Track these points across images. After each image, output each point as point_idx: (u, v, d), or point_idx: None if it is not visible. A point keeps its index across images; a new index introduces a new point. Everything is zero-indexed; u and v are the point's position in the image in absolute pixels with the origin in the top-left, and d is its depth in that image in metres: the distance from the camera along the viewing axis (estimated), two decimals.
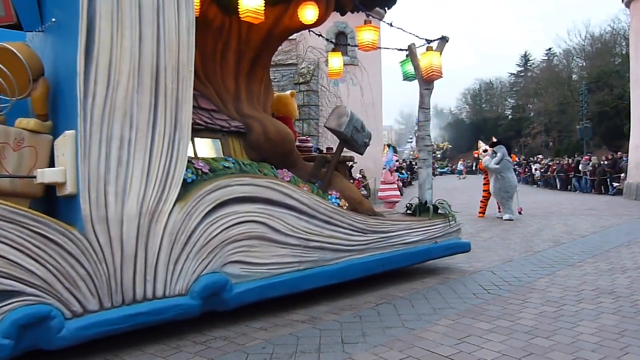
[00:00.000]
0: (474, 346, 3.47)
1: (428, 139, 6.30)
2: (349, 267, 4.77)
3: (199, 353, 3.49)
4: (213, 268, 3.89)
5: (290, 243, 4.34)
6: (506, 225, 10.35)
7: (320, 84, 19.21)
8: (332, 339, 3.70)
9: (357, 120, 5.21)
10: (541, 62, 56.60)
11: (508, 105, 64.44)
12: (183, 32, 3.70)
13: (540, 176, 27.44)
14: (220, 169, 4.10)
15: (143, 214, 3.53)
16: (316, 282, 4.52)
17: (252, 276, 4.10)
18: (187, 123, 3.75)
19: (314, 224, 4.51)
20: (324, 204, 4.62)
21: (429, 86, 6.18)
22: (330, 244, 4.64)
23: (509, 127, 56.18)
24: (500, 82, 66.92)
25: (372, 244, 5.03)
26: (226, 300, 3.92)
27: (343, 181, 5.30)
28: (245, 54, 5.11)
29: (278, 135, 4.94)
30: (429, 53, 6.04)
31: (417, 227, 5.55)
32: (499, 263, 6.38)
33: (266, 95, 5.42)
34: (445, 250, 5.89)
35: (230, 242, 3.99)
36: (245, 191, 4.09)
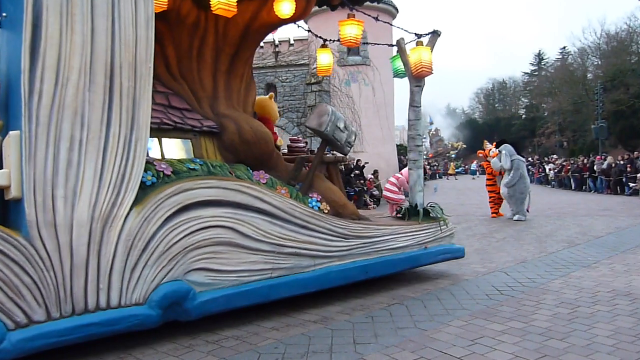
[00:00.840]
0: (487, 348, 3.45)
1: (419, 138, 6.01)
2: (328, 274, 4.53)
3: (211, 352, 3.51)
4: (174, 276, 3.69)
5: (261, 249, 4.12)
6: (520, 226, 10.27)
7: (332, 84, 19.21)
8: (344, 339, 3.70)
9: (339, 119, 5.00)
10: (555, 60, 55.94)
11: (521, 104, 63.81)
12: (141, 26, 3.53)
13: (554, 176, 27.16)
14: (184, 171, 3.91)
15: (95, 218, 3.34)
16: (291, 290, 4.29)
17: (219, 284, 3.90)
18: (145, 123, 3.58)
19: (288, 229, 4.29)
20: (300, 207, 4.41)
21: (419, 83, 5.91)
22: (307, 250, 4.40)
23: (522, 126, 55.65)
24: (514, 81, 66.34)
25: (354, 250, 4.78)
26: (188, 310, 3.72)
27: (326, 183, 5.09)
28: (224, 50, 4.89)
29: (254, 136, 4.70)
30: (419, 48, 5.76)
31: (404, 231, 5.26)
32: (513, 264, 6.33)
33: (247, 93, 5.23)
34: (436, 256, 5.57)
35: (194, 249, 3.78)
36: (210, 194, 3.88)
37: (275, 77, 20.58)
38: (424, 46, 5.78)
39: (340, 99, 19.15)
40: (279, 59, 20.57)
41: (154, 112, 4.02)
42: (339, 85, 19.14)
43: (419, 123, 5.91)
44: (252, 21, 4.96)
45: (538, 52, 61.58)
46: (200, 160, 4.14)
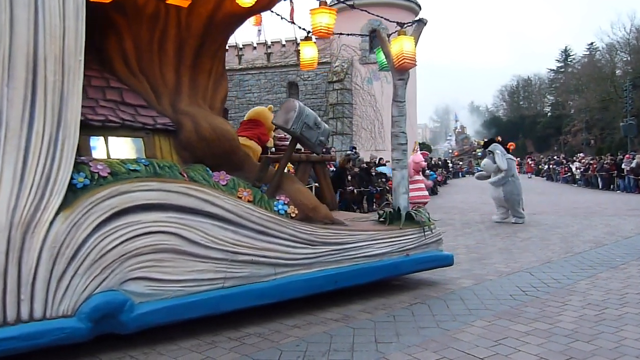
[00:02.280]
0: (511, 349, 3.40)
1: (402, 136, 5.52)
2: (291, 283, 4.19)
3: (233, 349, 3.54)
4: (109, 286, 3.41)
5: (212, 257, 3.82)
6: (545, 225, 10.10)
7: (354, 82, 19.20)
8: (365, 338, 3.69)
9: (308, 115, 4.63)
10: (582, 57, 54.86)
11: (547, 102, 62.80)
12: (70, 16, 3.28)
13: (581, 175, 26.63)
14: (124, 172, 3.63)
15: (15, 224, 3.08)
16: (247, 301, 3.97)
17: (162, 295, 3.60)
18: (74, 120, 3.34)
19: (243, 235, 3.98)
20: (258, 211, 4.11)
21: (403, 76, 5.46)
22: (266, 258, 4.09)
23: (548, 124, 54.78)
24: (539, 78, 65.28)
25: (323, 258, 4.42)
26: (124, 323, 3.43)
27: (296, 185, 4.75)
28: (187, 43, 4.58)
29: (213, 133, 4.38)
30: (400, 38, 5.28)
31: (383, 237, 4.87)
32: (537, 264, 6.23)
33: (216, 89, 4.92)
34: (420, 264, 5.13)
35: (132, 256, 3.50)
36: (151, 198, 3.61)
37: (297, 75, 20.65)
38: (407, 36, 5.33)
39: (362, 97, 19.12)
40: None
41: (100, 109, 3.90)
42: (360, 84, 19.11)
43: (403, 120, 5.50)
44: (216, 11, 4.62)
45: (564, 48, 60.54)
46: (145, 161, 3.86)
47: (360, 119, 19.11)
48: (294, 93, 20.94)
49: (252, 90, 21.21)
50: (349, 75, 19.18)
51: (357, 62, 19.17)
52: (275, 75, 20.96)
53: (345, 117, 19.00)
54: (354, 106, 19.24)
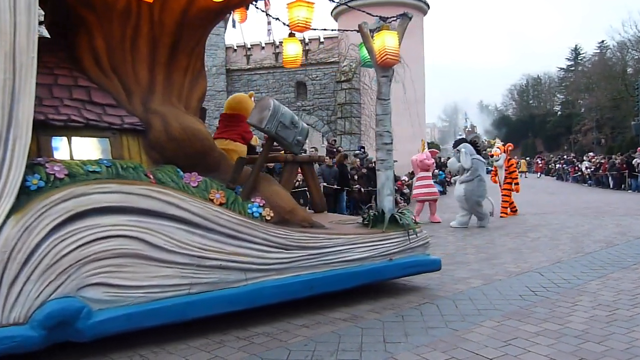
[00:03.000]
0: (520, 349, 3.38)
1: (387, 135, 5.28)
2: (263, 289, 4.03)
3: (242, 348, 3.55)
4: (65, 292, 3.27)
5: (177, 262, 3.68)
6: (555, 225, 10.02)
7: (362, 81, 19.16)
8: (374, 338, 3.69)
9: (284, 114, 4.45)
10: (593, 55, 54.35)
11: (557, 101, 62.27)
12: (21, 12, 3.16)
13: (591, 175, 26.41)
14: (82, 173, 3.49)
15: None
16: (215, 308, 3.83)
17: (122, 301, 3.47)
18: (26, 119, 3.22)
19: (211, 239, 3.85)
20: (228, 214, 3.97)
21: (387, 73, 5.25)
22: (236, 263, 3.93)
23: (558, 123, 54.34)
24: (549, 77, 64.71)
25: (298, 262, 4.25)
26: (81, 331, 3.29)
27: (272, 186, 4.56)
28: (161, 40, 4.41)
29: (183, 133, 4.22)
30: (383, 33, 5.05)
31: (364, 241, 4.66)
32: (547, 264, 6.19)
33: (193, 88, 4.78)
34: (404, 269, 4.91)
35: (90, 262, 3.37)
36: (111, 200, 3.48)
37: (305, 75, 20.65)
38: (390, 31, 5.09)
39: (370, 97, 19.07)
40: (309, 57, 20.61)
41: (63, 109, 3.79)
42: (369, 83, 19.07)
43: (387, 118, 5.28)
44: (189, 6, 4.47)
45: (574, 46, 59.94)
46: (108, 162, 3.72)
47: (368, 118, 19.06)
48: (302, 93, 20.94)
49: (261, 90, 21.25)
50: (357, 75, 19.14)
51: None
52: (283, 75, 20.97)
53: (354, 116, 18.98)
54: (362, 106, 19.21)
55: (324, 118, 20.28)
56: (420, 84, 19.90)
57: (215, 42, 20.75)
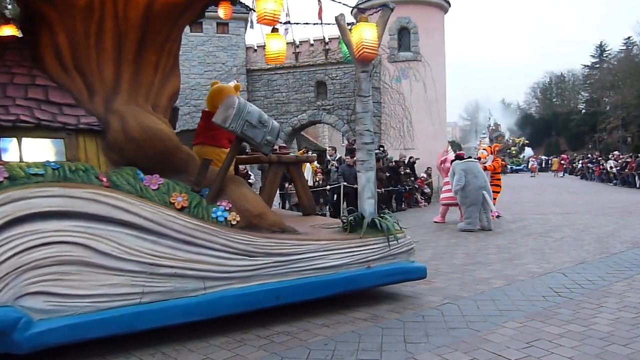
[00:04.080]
0: (543, 351, 3.34)
1: (368, 134, 4.92)
2: (223, 299, 3.80)
3: (262, 347, 3.57)
4: (1, 301, 3.13)
5: (126, 269, 3.50)
6: (578, 225, 9.85)
7: (382, 80, 19.07)
8: (394, 337, 3.68)
9: (250, 112, 4.20)
10: (619, 52, 53.24)
11: (581, 99, 61.17)
12: None
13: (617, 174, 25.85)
14: (23, 176, 3.33)
15: None
16: (169, 319, 3.61)
17: (66, 311, 3.29)
18: None
19: (165, 245, 3.66)
20: (183, 219, 3.78)
21: (366, 67, 4.93)
22: (193, 271, 3.73)
23: (582, 121, 53.37)
24: (573, 74, 63.64)
25: (263, 270, 4.02)
26: (18, 342, 3.11)
27: (241, 189, 4.32)
28: (127, 36, 4.21)
29: (143, 134, 4.00)
30: (361, 25, 4.74)
31: (339, 247, 4.39)
32: (571, 265, 6.08)
33: (164, 85, 4.56)
34: (384, 277, 4.60)
35: (29, 269, 3.21)
36: (53, 204, 3.32)
37: (325, 74, 20.64)
38: (368, 23, 4.77)
39: (390, 96, 18.99)
40: (329, 57, 20.60)
41: (14, 109, 3.68)
42: (389, 82, 18.98)
43: (368, 116, 4.94)
44: (153, 1, 4.28)
45: (599, 43, 58.76)
46: (55, 164, 3.55)
47: (388, 117, 18.96)
48: (322, 92, 20.93)
49: (281, 89, 21.31)
50: (377, 74, 19.05)
51: (385, 60, 19.03)
52: (303, 74, 20.99)
53: (374, 115, 18.84)
54: (383, 105, 19.12)
55: (344, 117, 20.24)
56: (441, 83, 19.71)
57: (236, 42, 20.88)
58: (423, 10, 18.97)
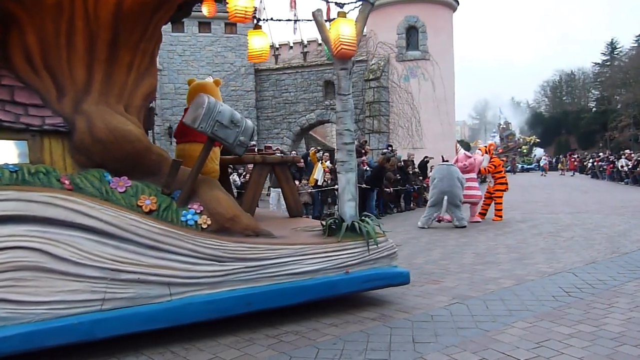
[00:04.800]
0: (553, 351, 3.32)
1: (348, 134, 4.74)
2: (190, 306, 3.66)
3: (271, 346, 3.58)
4: None
5: (86, 275, 3.37)
6: (589, 224, 9.77)
7: (391, 79, 19.05)
8: (403, 337, 3.67)
9: (221, 112, 4.05)
10: (630, 49, 52.69)
11: (592, 97, 60.60)
12: None
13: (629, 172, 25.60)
14: None
15: None
16: (131, 326, 3.48)
17: (22, 318, 3.18)
18: None
19: (128, 250, 3.54)
20: (147, 223, 3.65)
21: (345, 65, 4.71)
22: (158, 276, 3.59)
23: (592, 120, 52.88)
24: (583, 72, 63.07)
25: (233, 276, 3.87)
26: None
27: (213, 191, 4.17)
28: (99, 35, 4.09)
29: (110, 135, 3.87)
30: (339, 21, 4.55)
31: (315, 252, 4.22)
32: (581, 264, 6.04)
33: (137, 85, 4.45)
34: (363, 282, 4.41)
35: None
36: (7, 209, 3.24)
37: (333, 74, 20.62)
38: (346, 18, 4.59)
39: (399, 95, 18.96)
40: None
41: None
42: (397, 81, 18.95)
43: (348, 116, 4.76)
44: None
45: (610, 40, 58.15)
46: (13, 166, 3.45)
47: (397, 116, 18.93)
48: (330, 92, 20.94)
49: (289, 89, 21.35)
50: (386, 73, 19.02)
51: (393, 59, 19.00)
52: (311, 74, 21.02)
53: (382, 115, 18.87)
54: (391, 104, 19.08)
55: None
56: (450, 82, 19.64)
57: (244, 43, 20.93)
58: (431, 9, 18.92)
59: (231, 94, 21.22)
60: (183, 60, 20.91)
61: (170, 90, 20.76)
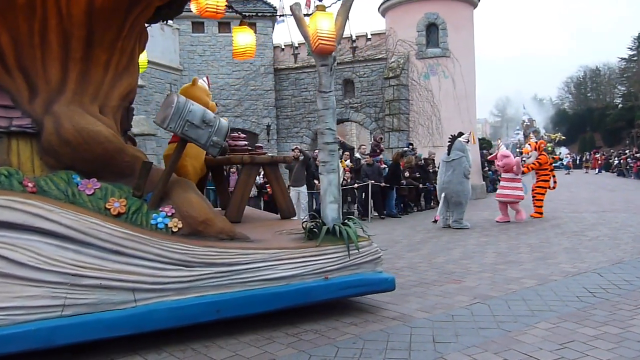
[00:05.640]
0: (578, 352, 3.25)
1: (330, 134, 4.51)
2: (155, 312, 3.52)
3: (291, 345, 3.59)
4: None
5: (45, 280, 3.27)
6: (615, 224, 9.57)
7: (411, 77, 18.91)
8: (423, 337, 3.64)
9: (192, 112, 3.92)
10: None
11: (618, 93, 59.37)
12: None
13: None
14: None
15: None
16: (93, 333, 3.35)
17: None
18: None
19: (90, 255, 3.43)
20: (110, 227, 3.52)
21: (325, 61, 4.49)
22: (122, 282, 3.46)
23: (618, 116, 51.76)
24: (609, 68, 61.81)
25: (203, 282, 3.72)
26: None
27: (186, 194, 4.01)
28: (73, 34, 4.00)
29: (78, 136, 3.77)
30: (317, 15, 4.35)
31: (292, 257, 4.04)
32: (607, 265, 5.91)
33: (114, 84, 4.33)
34: (343, 289, 4.19)
35: None
36: None
37: (352, 72, 20.61)
38: (325, 12, 4.38)
39: (418, 93, 18.81)
40: (356, 54, 20.55)
41: None
42: (417, 79, 18.80)
43: (329, 114, 4.52)
44: None
45: (638, 34, 56.81)
46: None
47: (417, 115, 18.77)
48: (350, 90, 20.90)
49: (308, 88, 21.37)
50: (405, 71, 18.88)
51: (413, 57, 18.84)
52: None
53: (402, 113, 18.74)
54: (411, 102, 18.94)
55: (372, 115, 20.17)
56: (471, 79, 19.41)
57: (264, 42, 21.02)
58: (451, 5, 18.70)
59: (251, 94, 21.33)
60: (203, 61, 21.07)
61: None
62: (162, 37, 19.59)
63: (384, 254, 4.71)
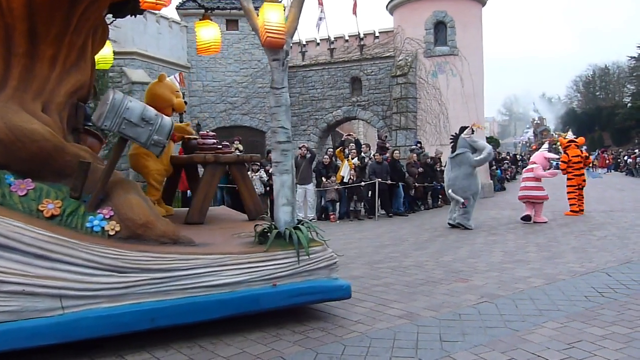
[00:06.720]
0: (585, 352, 3.24)
1: (282, 133, 4.27)
2: (83, 320, 3.31)
3: (298, 342, 3.60)
4: None
5: None
6: (624, 223, 9.50)
7: (419, 75, 18.85)
8: (430, 336, 3.64)
9: (130, 109, 3.67)
10: None
11: (627, 92, 58.88)
12: None
13: None
14: None
15: None
16: (14, 342, 3.14)
17: None
18: None
19: (10, 260, 3.24)
20: (34, 231, 3.34)
21: (277, 55, 4.24)
22: (47, 288, 3.25)
23: (628, 115, 51.28)
24: (618, 67, 61.32)
25: (137, 288, 3.50)
26: None
27: (127, 195, 3.81)
28: (15, 28, 3.85)
29: (10, 134, 3.60)
30: (265, 6, 4.09)
31: (236, 262, 3.82)
32: (615, 264, 5.88)
33: (60, 81, 4.15)
34: (293, 296, 3.95)
35: None
36: None
37: (360, 70, 20.56)
38: (273, 4, 4.12)
39: (426, 91, 18.76)
40: (364, 52, 20.50)
41: None
42: (425, 77, 18.75)
43: (282, 111, 4.29)
44: None
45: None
46: None
47: (424, 113, 18.71)
48: (357, 88, 20.83)
49: (316, 86, 21.33)
50: (413, 69, 18.82)
51: (421, 55, 18.78)
52: (338, 70, 20.94)
53: (409, 111, 18.68)
54: (419, 100, 18.88)
55: (379, 113, 20.12)
56: (479, 77, 19.32)
57: None
58: (460, 3, 18.61)
59: (258, 91, 21.35)
60: (211, 58, 21.07)
61: (199, 88, 20.98)
62: (170, 35, 19.65)
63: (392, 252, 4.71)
